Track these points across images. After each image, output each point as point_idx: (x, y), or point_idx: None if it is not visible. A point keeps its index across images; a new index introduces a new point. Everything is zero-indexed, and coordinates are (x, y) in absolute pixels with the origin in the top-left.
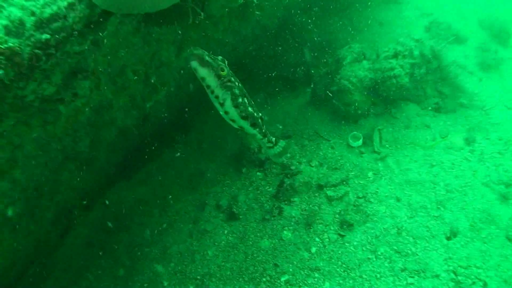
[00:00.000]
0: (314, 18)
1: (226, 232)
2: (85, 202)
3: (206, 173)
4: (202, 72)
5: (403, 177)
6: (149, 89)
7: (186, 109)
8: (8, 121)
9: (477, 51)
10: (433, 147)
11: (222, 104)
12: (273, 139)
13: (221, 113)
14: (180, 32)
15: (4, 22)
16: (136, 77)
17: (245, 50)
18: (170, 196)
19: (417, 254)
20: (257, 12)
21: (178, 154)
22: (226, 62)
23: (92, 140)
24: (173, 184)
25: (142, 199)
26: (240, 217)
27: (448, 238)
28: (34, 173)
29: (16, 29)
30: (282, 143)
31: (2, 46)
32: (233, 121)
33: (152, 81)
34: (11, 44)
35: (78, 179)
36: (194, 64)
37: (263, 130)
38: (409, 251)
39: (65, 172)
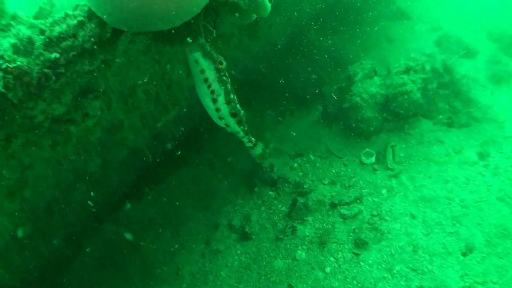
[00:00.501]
0: (324, 35)
1: (239, 252)
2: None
3: (218, 193)
4: (204, 63)
5: (418, 194)
6: (160, 109)
7: (199, 129)
8: (17, 141)
9: (488, 64)
10: (447, 162)
11: (215, 100)
12: (253, 139)
13: (210, 110)
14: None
15: (13, 40)
16: (146, 97)
17: (255, 68)
18: (178, 203)
19: (433, 272)
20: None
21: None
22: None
23: (104, 161)
24: (185, 204)
25: (154, 219)
26: (253, 237)
27: (464, 254)
28: (44, 193)
29: (24, 47)
30: (261, 145)
31: (10, 65)
32: (222, 118)
33: (163, 100)
34: (19, 63)
35: (90, 200)
36: (198, 55)
37: (246, 128)
38: (425, 269)
39: (76, 193)
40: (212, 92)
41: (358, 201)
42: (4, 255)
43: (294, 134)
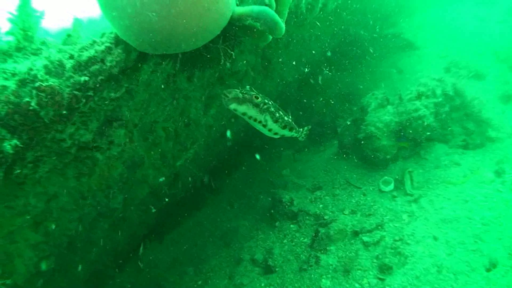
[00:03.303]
0: (335, 72)
1: (263, 285)
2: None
3: (239, 230)
4: (242, 108)
5: (438, 216)
6: (179, 147)
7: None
8: (44, 167)
9: (497, 85)
10: (464, 183)
11: (265, 125)
12: (300, 129)
13: (265, 132)
14: (206, 90)
15: (44, 62)
16: (165, 134)
17: None
18: (199, 242)
19: None
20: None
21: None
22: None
23: (125, 198)
24: (206, 242)
25: (176, 258)
26: (277, 269)
27: (488, 270)
28: (68, 227)
29: (55, 69)
30: (305, 131)
31: (43, 84)
32: (276, 134)
33: (182, 138)
34: (52, 83)
35: (111, 238)
36: (234, 106)
37: (297, 129)
38: None
39: (98, 230)
40: (260, 122)
41: (379, 228)
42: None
43: (312, 168)
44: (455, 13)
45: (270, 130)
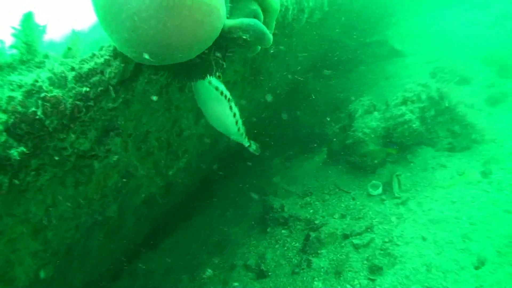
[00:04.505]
0: (322, 80)
1: None
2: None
3: (231, 237)
4: (215, 80)
5: (427, 217)
6: (171, 156)
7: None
8: (45, 175)
9: (483, 88)
10: (452, 185)
11: (231, 107)
12: (247, 138)
13: (229, 118)
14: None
15: (48, 74)
16: (158, 144)
17: (259, 117)
18: (193, 250)
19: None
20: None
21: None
22: None
23: (120, 207)
24: (200, 250)
25: (171, 267)
26: (269, 274)
27: (477, 268)
28: (65, 236)
29: (59, 81)
30: (253, 143)
31: (48, 95)
32: (237, 122)
33: (174, 148)
34: (56, 94)
35: (106, 247)
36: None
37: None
38: (440, 286)
39: (94, 239)
40: (229, 100)
41: (369, 230)
42: None
43: (302, 175)
44: (445, 20)
45: (234, 114)
